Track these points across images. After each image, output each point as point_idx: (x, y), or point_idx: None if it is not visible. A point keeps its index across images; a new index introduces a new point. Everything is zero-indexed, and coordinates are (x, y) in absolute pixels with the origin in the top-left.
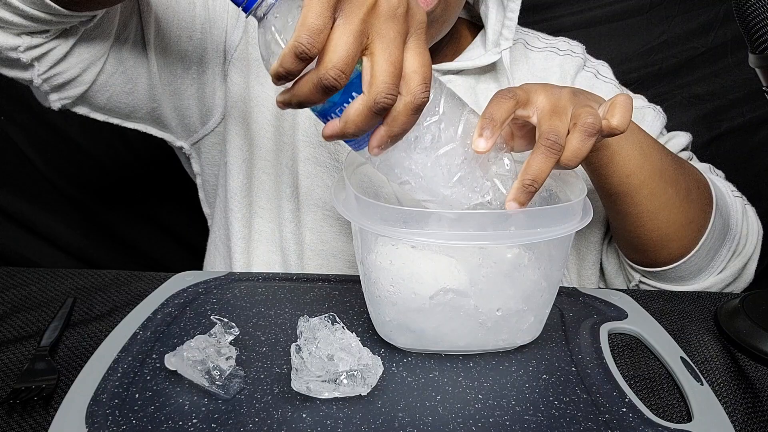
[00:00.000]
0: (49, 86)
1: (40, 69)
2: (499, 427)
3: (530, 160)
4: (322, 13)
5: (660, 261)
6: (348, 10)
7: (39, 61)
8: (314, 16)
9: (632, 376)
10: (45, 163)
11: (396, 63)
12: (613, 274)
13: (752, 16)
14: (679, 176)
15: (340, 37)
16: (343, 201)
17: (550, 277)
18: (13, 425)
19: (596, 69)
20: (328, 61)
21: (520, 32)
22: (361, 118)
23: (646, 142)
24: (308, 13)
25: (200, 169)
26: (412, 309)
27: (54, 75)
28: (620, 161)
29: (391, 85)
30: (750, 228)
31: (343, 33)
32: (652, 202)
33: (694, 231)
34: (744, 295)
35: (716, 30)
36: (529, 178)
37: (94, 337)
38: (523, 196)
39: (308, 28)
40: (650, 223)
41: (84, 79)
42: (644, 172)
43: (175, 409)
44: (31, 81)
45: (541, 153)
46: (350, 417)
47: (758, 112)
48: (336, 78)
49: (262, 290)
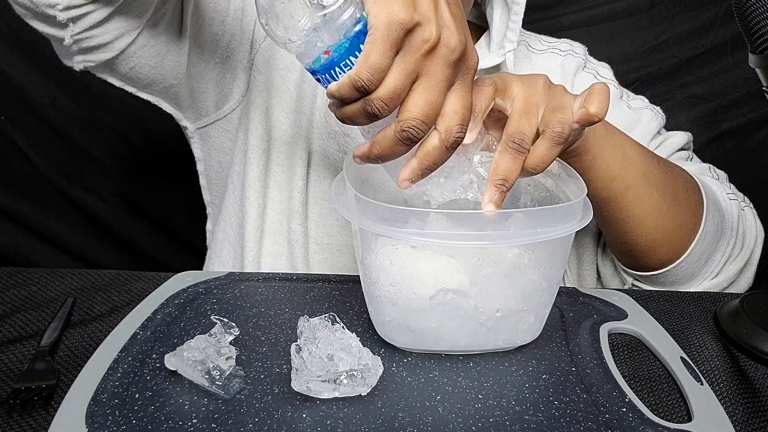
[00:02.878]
0: (78, 47)
1: (74, 30)
2: (499, 427)
3: (497, 160)
4: (385, 53)
5: (650, 266)
6: (408, 49)
7: (75, 22)
8: (377, 55)
9: (632, 376)
10: (45, 163)
11: (432, 104)
12: (609, 276)
13: (752, 16)
14: (666, 179)
15: (392, 74)
16: (343, 200)
17: (550, 277)
18: (13, 425)
19: (596, 70)
20: (377, 92)
21: (523, 35)
22: (388, 142)
23: (629, 145)
24: (372, 50)
25: (202, 155)
26: (412, 309)
27: (86, 38)
28: (602, 165)
29: (420, 119)
30: (747, 231)
31: (396, 71)
32: (637, 206)
33: (684, 235)
34: (744, 295)
35: (716, 30)
36: (500, 177)
37: (94, 337)
38: (496, 196)
39: (370, 66)
40: (637, 228)
41: (114, 47)
42: (628, 175)
43: (175, 409)
44: (62, 39)
45: (508, 154)
46: (350, 417)
47: (758, 112)
48: (380, 108)
49: (262, 290)
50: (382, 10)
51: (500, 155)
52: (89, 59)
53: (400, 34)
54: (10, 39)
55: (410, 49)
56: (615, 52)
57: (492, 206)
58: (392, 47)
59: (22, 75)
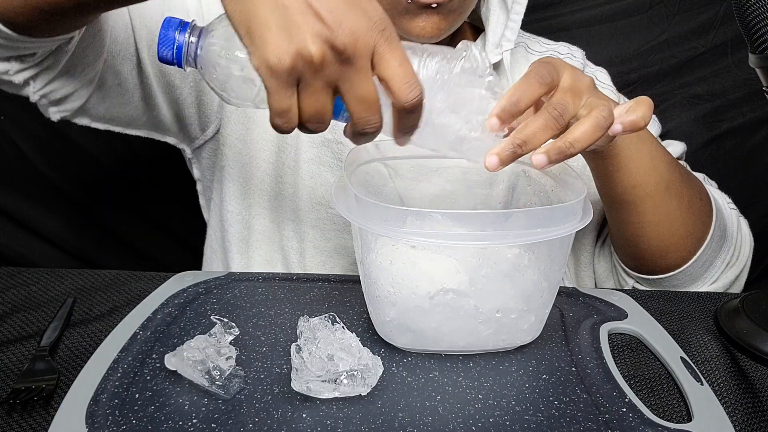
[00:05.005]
0: (47, 101)
1: (35, 87)
2: (499, 427)
3: (529, 122)
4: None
5: (656, 269)
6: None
7: (33, 80)
8: (276, 101)
9: (632, 376)
10: (45, 163)
11: (364, 94)
12: (604, 277)
13: (752, 16)
14: (684, 188)
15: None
16: (344, 201)
17: (550, 277)
18: (13, 425)
19: (594, 75)
20: (304, 120)
21: (522, 37)
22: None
23: (657, 154)
24: (270, 99)
25: (200, 175)
26: (412, 309)
27: (50, 92)
28: (628, 171)
29: (367, 116)
30: (743, 240)
31: (304, 98)
32: (655, 213)
33: (693, 242)
34: (744, 295)
35: (716, 30)
36: (521, 138)
37: (94, 337)
38: (506, 153)
39: (277, 113)
40: (651, 233)
41: (80, 94)
42: (651, 183)
43: (175, 409)
44: (29, 97)
45: (542, 119)
46: (350, 417)
47: (758, 112)
48: (316, 129)
49: (262, 290)
50: (259, 60)
51: (535, 118)
52: (62, 109)
53: (283, 74)
54: None
55: (304, 77)
56: (615, 53)
57: (496, 159)
58: (286, 86)
59: None
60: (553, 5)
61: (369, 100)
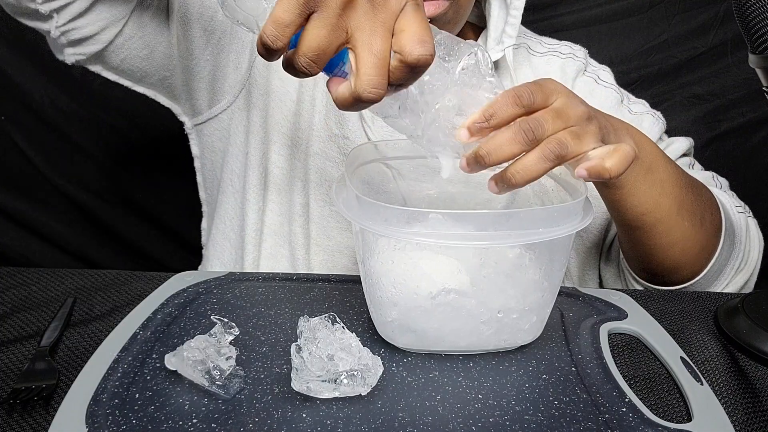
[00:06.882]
0: (66, 40)
1: (58, 21)
2: (499, 427)
3: (497, 134)
4: (289, 9)
5: (668, 283)
6: (323, 5)
7: (58, 13)
8: (282, 10)
9: (632, 376)
10: (45, 163)
11: (379, 53)
12: (611, 282)
13: (752, 16)
14: (696, 206)
15: (311, 30)
16: (345, 201)
17: (551, 277)
18: (13, 425)
19: (597, 74)
20: (300, 50)
21: (524, 37)
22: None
23: (669, 179)
24: (277, 7)
25: (199, 152)
26: (414, 309)
27: (72, 29)
28: (635, 201)
29: (375, 77)
30: (752, 243)
31: (314, 26)
32: (667, 236)
33: (706, 256)
34: (744, 295)
35: (716, 30)
36: (485, 149)
37: (94, 337)
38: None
39: (274, 21)
40: (664, 254)
41: (101, 38)
42: (662, 209)
43: (175, 409)
44: (49, 32)
45: (511, 132)
46: (350, 417)
47: (758, 112)
48: (306, 66)
49: (262, 290)
50: None
51: (504, 130)
52: (79, 52)
53: None
54: (10, 39)
55: (326, 4)
56: (615, 53)
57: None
58: (297, 3)
59: (22, 75)
60: (553, 5)
61: (381, 58)
